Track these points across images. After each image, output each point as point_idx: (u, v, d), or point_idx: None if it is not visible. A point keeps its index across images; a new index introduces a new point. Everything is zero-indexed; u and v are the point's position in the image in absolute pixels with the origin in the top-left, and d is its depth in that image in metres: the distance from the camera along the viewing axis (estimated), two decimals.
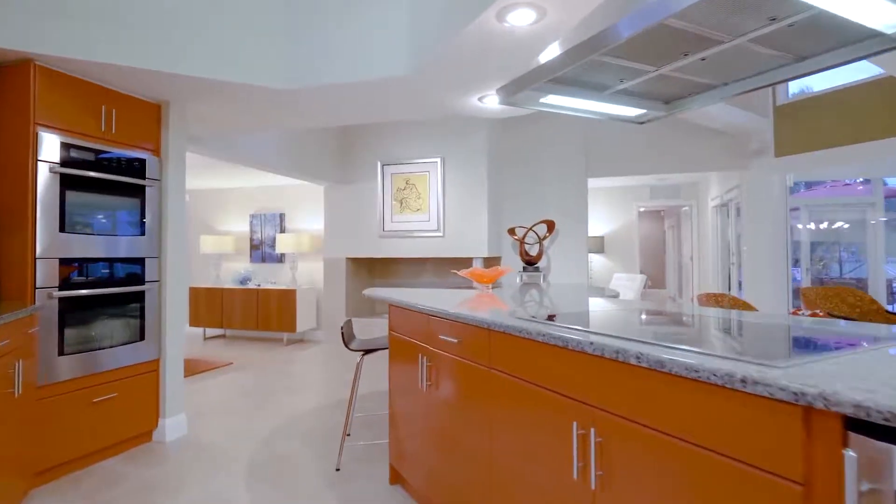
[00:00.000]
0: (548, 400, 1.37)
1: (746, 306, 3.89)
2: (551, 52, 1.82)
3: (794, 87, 5.64)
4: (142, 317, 2.99)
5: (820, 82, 5.57)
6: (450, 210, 5.90)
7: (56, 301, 2.54)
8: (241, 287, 7.02)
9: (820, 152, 5.38)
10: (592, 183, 7.99)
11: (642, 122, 2.10)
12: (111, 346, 2.82)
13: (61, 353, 2.57)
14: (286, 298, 6.79)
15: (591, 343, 1.19)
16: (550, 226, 6.24)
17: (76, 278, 2.64)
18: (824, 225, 8.39)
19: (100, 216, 2.76)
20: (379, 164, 6.15)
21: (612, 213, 9.56)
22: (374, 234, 6.19)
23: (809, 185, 8.36)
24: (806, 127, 5.46)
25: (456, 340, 1.83)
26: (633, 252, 9.37)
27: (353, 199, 6.33)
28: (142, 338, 2.99)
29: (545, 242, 6.33)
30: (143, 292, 2.99)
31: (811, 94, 5.43)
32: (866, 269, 8.58)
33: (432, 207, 5.93)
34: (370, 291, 2.97)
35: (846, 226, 8.83)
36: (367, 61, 2.78)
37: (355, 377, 2.81)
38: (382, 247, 6.15)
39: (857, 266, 8.85)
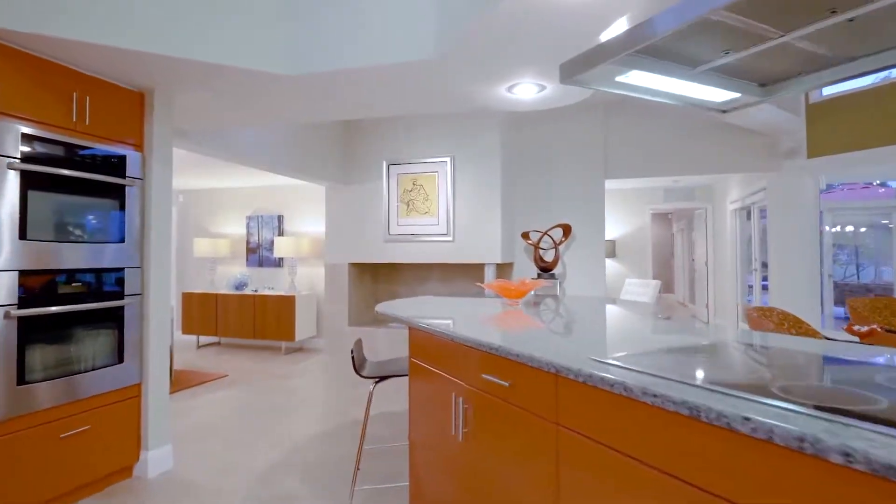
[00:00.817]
0: (666, 488, 0.99)
1: (798, 323, 3.52)
2: (619, 26, 1.44)
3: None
4: (120, 336, 2.59)
5: (839, 85, 5.21)
6: (460, 213, 5.52)
7: (15, 321, 2.14)
8: (237, 293, 6.63)
9: (855, 153, 5.03)
10: (605, 185, 7.62)
11: (724, 111, 1.72)
12: (83, 371, 2.42)
13: (21, 381, 2.17)
14: (284, 305, 6.40)
15: (772, 431, 0.80)
16: (566, 230, 5.87)
17: (41, 293, 2.25)
18: (836, 228, 8.10)
19: (70, 221, 2.37)
20: (384, 163, 5.76)
21: (624, 216, 9.20)
22: (378, 238, 5.80)
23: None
24: (841, 127, 5.10)
25: (507, 384, 1.45)
26: (645, 256, 9.01)
27: (356, 201, 5.94)
28: (120, 360, 2.59)
29: (561, 248, 5.96)
30: (121, 308, 2.59)
31: (846, 92, 5.07)
32: (872, 273, 8.31)
33: (441, 210, 5.55)
34: (383, 308, 2.59)
35: (863, 229, 8.53)
36: (383, 43, 2.39)
37: (367, 409, 2.42)
38: (387, 252, 5.76)
39: (861, 270, 8.61)
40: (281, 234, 6.99)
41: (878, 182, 8.02)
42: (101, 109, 2.52)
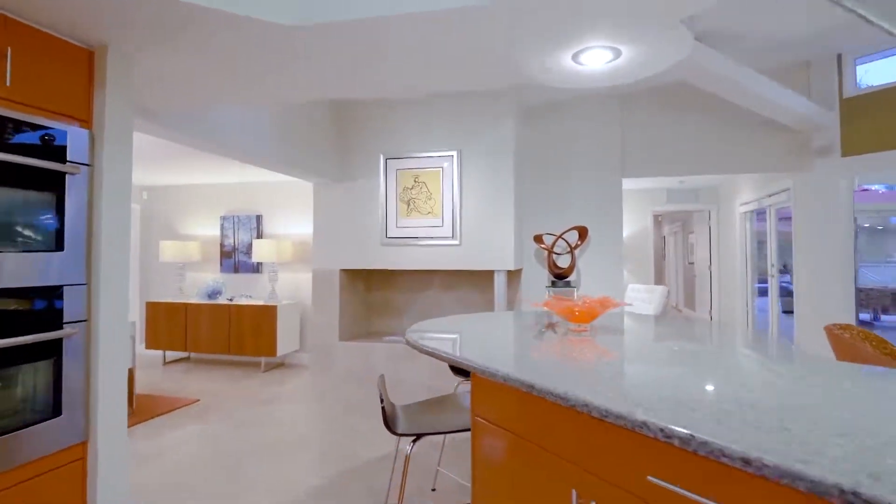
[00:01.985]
0: None
1: (881, 343, 3.05)
2: None
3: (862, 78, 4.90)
4: (57, 379, 1.90)
5: (877, 78, 4.86)
6: (468, 214, 4.92)
7: None
8: (210, 302, 5.87)
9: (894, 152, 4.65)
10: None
11: None
12: (1, 434, 1.73)
13: None
14: (264, 316, 5.68)
15: None
16: (582, 233, 5.33)
17: None
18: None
19: None
20: (381, 157, 5.11)
21: (625, 219, 8.76)
22: (374, 242, 5.15)
23: None
24: (879, 123, 4.72)
25: None
26: (647, 261, 8.59)
27: (349, 200, 5.27)
28: (56, 412, 1.89)
29: (576, 252, 5.44)
30: (58, 341, 1.90)
31: (885, 86, 4.69)
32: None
33: (446, 210, 4.94)
34: (415, 335, 1.97)
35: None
36: None
37: (403, 484, 1.79)
38: (385, 256, 5.12)
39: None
40: (260, 236, 6.26)
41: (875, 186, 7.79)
42: (30, 68, 1.82)
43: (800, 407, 1.01)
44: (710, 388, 1.16)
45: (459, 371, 2.60)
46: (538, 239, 5.25)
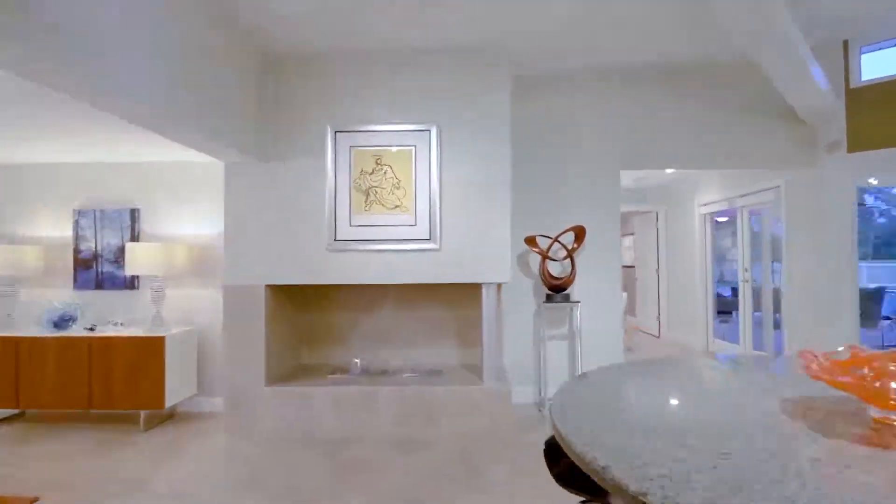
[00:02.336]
0: None
1: None
2: None
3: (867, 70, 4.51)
4: None
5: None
6: (449, 208, 3.70)
7: None
8: (57, 334, 4.01)
9: None
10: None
11: None
12: None
13: None
14: (146, 350, 3.98)
15: None
16: (580, 234, 4.33)
17: None
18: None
19: None
20: (329, 129, 3.70)
21: None
22: (318, 245, 3.71)
23: None
24: (887, 117, 4.34)
25: None
26: None
27: (280, 187, 3.77)
28: None
29: (573, 257, 4.43)
30: None
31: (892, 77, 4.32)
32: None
33: (421, 204, 3.67)
34: (625, 472, 0.74)
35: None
36: None
37: None
38: (333, 266, 3.70)
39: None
40: (136, 238, 4.46)
41: None
42: None
43: None
44: None
45: (577, 483, 1.39)
46: (531, 241, 4.17)
